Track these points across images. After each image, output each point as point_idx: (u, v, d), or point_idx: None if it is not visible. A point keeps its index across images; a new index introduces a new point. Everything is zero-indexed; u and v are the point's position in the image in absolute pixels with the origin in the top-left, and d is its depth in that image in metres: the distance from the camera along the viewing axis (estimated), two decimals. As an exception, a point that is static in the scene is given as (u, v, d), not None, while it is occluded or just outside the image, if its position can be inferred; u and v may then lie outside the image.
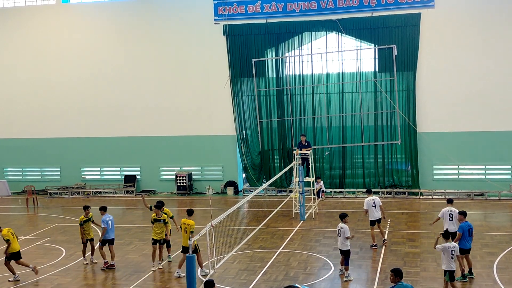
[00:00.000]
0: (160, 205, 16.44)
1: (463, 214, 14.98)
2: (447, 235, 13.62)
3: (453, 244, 13.48)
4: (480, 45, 25.39)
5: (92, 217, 17.52)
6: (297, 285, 11.55)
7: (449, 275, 13.38)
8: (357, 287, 14.76)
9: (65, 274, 16.38)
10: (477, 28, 25.37)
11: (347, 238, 15.15)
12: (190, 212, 15.77)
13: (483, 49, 25.38)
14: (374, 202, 17.68)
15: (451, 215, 15.97)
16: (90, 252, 17.43)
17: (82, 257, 17.47)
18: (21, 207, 26.80)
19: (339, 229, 15.30)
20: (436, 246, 13.59)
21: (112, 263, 16.79)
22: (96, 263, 17.20)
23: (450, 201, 16.44)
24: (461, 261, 14.42)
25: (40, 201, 27.47)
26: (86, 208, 17.36)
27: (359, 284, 14.97)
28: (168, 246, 17.15)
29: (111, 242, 16.94)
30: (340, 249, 15.38)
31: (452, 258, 13.30)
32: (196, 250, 14.79)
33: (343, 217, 15.40)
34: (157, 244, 16.46)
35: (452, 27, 25.60)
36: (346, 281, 15.00)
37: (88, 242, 17.30)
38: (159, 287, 15.20)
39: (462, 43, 25.53)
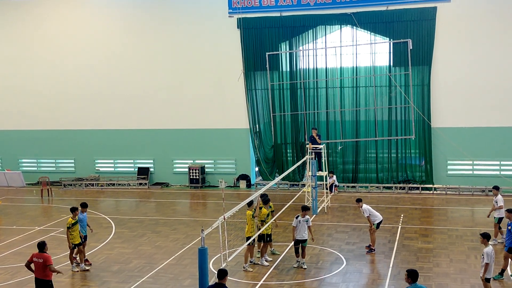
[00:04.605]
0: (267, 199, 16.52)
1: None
2: None
3: None
4: (496, 40, 25.06)
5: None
6: None
7: None
8: (370, 281, 14.74)
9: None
10: (494, 23, 25.05)
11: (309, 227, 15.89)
12: (250, 203, 16.00)
13: (499, 44, 25.05)
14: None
15: None
16: (78, 257, 16.36)
17: (71, 264, 16.12)
18: (35, 198, 27.07)
19: (306, 220, 15.75)
20: None
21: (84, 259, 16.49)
22: (88, 270, 16.19)
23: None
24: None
25: (54, 192, 27.69)
26: (74, 210, 15.98)
27: (371, 278, 14.95)
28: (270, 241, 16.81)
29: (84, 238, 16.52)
30: (302, 240, 15.74)
31: None
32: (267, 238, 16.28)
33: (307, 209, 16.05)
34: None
35: (468, 21, 25.31)
36: (305, 268, 15.70)
37: (76, 247, 16.01)
38: (172, 279, 15.30)
39: (478, 38, 25.23)
